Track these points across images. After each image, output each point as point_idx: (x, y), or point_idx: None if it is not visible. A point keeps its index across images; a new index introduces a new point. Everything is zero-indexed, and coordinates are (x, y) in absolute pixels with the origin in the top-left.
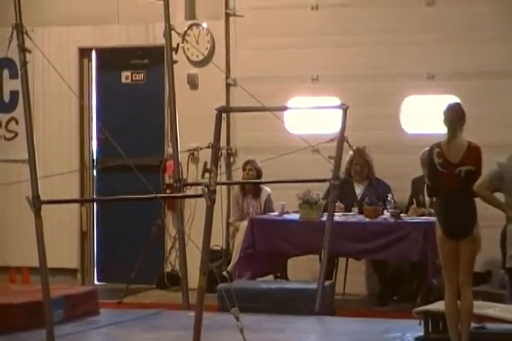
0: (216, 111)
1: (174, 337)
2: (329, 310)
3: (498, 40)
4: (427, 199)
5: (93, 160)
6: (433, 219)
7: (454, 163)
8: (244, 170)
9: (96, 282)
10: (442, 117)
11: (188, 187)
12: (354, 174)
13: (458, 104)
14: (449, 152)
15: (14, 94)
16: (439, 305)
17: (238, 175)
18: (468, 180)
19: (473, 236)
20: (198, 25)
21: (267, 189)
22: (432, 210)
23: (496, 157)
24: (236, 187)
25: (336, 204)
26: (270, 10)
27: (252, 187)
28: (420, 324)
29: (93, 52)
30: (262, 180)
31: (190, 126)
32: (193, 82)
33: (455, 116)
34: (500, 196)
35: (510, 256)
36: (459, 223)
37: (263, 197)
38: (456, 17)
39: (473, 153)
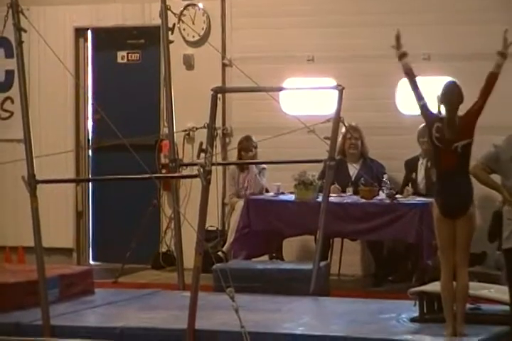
0: (212, 92)
1: (169, 317)
2: (324, 290)
3: (495, 21)
4: (419, 177)
5: (88, 140)
6: (428, 200)
7: (450, 139)
8: (244, 151)
9: (91, 262)
10: (440, 95)
11: (184, 167)
12: (348, 149)
13: (455, 82)
14: (447, 128)
15: (10, 74)
16: (434, 286)
17: (234, 155)
18: (465, 155)
19: (470, 216)
20: (194, 5)
21: (259, 166)
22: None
23: (493, 138)
24: (233, 166)
25: (333, 186)
26: None
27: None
28: (415, 305)
29: (89, 32)
30: (258, 159)
31: (186, 106)
32: (188, 63)
33: (454, 95)
34: (497, 178)
35: (505, 238)
36: (457, 201)
37: (256, 170)
38: None
39: (465, 120)
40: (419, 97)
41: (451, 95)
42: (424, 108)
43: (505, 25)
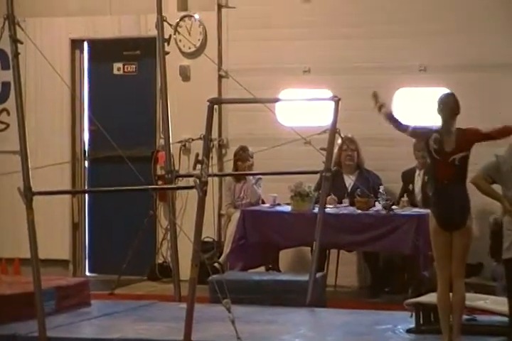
0: (208, 103)
1: (166, 329)
2: (321, 301)
3: (491, 32)
4: (416, 189)
5: (85, 152)
6: (425, 211)
7: (448, 152)
8: (235, 156)
9: (87, 273)
10: (437, 106)
11: (180, 178)
12: (344, 161)
13: (452, 93)
14: (445, 140)
15: (6, 85)
16: (430, 297)
17: (230, 166)
18: (462, 167)
19: (467, 228)
20: (190, 16)
21: (255, 176)
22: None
23: (490, 149)
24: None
25: (330, 197)
26: (262, 1)
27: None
28: (412, 316)
29: (85, 44)
30: (254, 171)
31: (182, 118)
32: (185, 74)
33: (453, 105)
34: (498, 188)
35: (506, 248)
36: (453, 214)
37: (253, 179)
38: (449, 9)
39: (465, 136)
40: (405, 128)
41: (447, 106)
42: (414, 133)
43: (502, 35)
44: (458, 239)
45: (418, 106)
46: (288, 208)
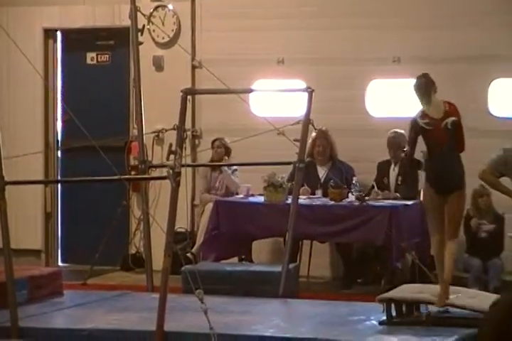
0: (181, 93)
1: (138, 319)
2: (293, 292)
3: (463, 25)
4: (391, 181)
5: (57, 141)
6: (398, 203)
7: (438, 118)
8: (212, 147)
9: (60, 263)
10: (415, 88)
11: (153, 168)
12: (317, 155)
13: (422, 75)
14: (432, 111)
15: None
16: (402, 292)
17: (203, 157)
18: (454, 131)
19: (463, 191)
20: (163, 6)
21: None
22: (398, 194)
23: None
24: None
25: (303, 188)
26: None
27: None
28: (383, 311)
29: (58, 33)
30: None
31: (156, 108)
32: (158, 64)
33: (429, 83)
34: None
35: (510, 236)
36: (451, 177)
37: (228, 171)
38: (422, 2)
39: (453, 107)
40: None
41: (420, 87)
42: (414, 135)
43: (474, 28)
44: (454, 202)
45: (392, 97)
46: (261, 199)
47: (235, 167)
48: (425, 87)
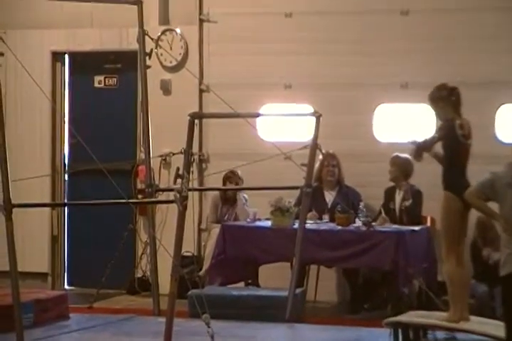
0: (189, 117)
1: None
2: (300, 317)
3: (471, 50)
4: (397, 207)
5: (65, 164)
6: (405, 228)
7: (469, 136)
8: (226, 182)
9: (66, 286)
10: (446, 98)
11: (160, 192)
12: (325, 177)
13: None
14: (465, 125)
15: None
16: (409, 316)
17: (210, 181)
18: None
19: None
20: (171, 30)
21: (244, 196)
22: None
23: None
24: (217, 193)
25: (310, 213)
26: (244, 16)
27: (231, 196)
28: (390, 334)
29: (66, 56)
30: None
31: (163, 132)
32: (166, 88)
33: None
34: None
35: (502, 265)
36: None
37: (243, 200)
38: (430, 27)
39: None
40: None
41: (459, 97)
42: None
43: (483, 54)
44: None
45: (399, 122)
46: (268, 223)
47: (246, 196)
48: (460, 99)
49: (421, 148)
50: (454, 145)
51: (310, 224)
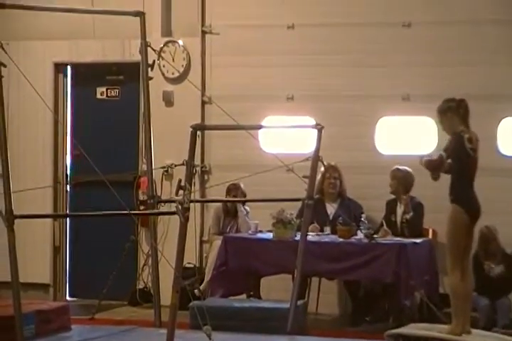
0: (191, 129)
1: None
2: (302, 329)
3: (473, 63)
4: (398, 219)
5: (67, 176)
6: (407, 240)
7: (477, 149)
8: (228, 194)
9: (68, 297)
10: (454, 110)
11: (162, 204)
12: (327, 189)
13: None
14: (473, 139)
15: None
16: (411, 328)
17: (212, 193)
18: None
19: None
20: (174, 42)
21: (245, 209)
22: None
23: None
24: (219, 205)
25: (312, 225)
26: (246, 28)
27: (232, 209)
28: None
29: (68, 68)
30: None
31: (165, 143)
32: (168, 99)
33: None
34: None
35: None
36: (480, 206)
37: (244, 211)
38: (432, 39)
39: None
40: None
41: (467, 111)
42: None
43: (484, 66)
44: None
45: (401, 134)
46: (270, 235)
47: (248, 209)
48: (468, 112)
49: (436, 170)
50: (463, 158)
51: (312, 236)
